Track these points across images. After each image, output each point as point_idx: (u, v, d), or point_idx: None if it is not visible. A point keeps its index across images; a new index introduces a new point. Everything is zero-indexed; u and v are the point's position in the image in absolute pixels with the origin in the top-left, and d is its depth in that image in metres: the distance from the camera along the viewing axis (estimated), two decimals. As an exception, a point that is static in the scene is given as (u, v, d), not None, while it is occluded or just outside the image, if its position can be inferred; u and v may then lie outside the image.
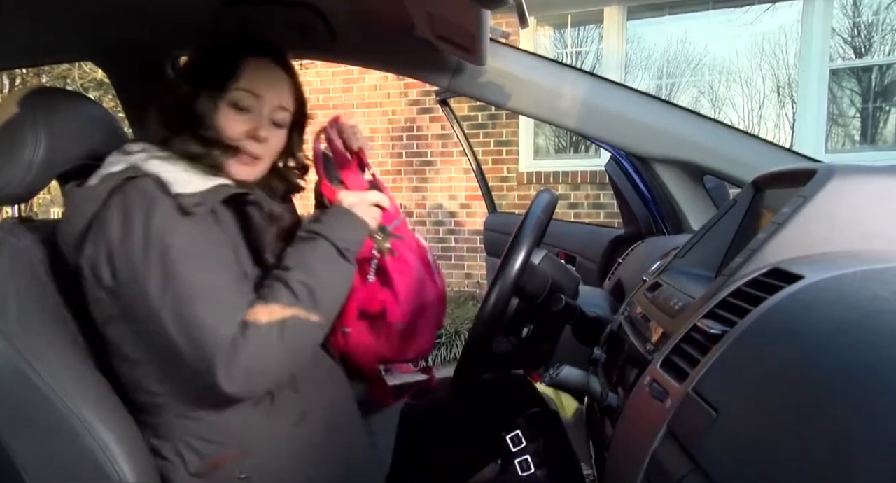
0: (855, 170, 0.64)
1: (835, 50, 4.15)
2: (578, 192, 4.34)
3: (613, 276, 1.39)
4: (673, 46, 4.54)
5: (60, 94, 1.03)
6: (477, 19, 0.94)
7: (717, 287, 0.64)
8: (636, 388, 0.66)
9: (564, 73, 1.31)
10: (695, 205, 1.32)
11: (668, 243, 1.16)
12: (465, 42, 1.11)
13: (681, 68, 4.59)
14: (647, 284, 0.89)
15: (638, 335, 0.79)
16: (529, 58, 1.34)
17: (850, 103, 4.25)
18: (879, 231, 0.61)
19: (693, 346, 0.59)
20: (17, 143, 0.92)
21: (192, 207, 0.84)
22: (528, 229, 0.98)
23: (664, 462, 0.51)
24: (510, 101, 1.31)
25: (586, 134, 1.34)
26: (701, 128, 1.28)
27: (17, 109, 0.93)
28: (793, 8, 4.14)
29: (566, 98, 1.29)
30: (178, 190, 0.85)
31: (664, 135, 1.28)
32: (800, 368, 0.43)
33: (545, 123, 2.94)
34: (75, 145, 1.00)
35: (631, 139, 1.30)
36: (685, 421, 0.51)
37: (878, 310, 0.43)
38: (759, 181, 0.84)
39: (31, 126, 0.93)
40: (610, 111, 1.29)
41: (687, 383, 0.53)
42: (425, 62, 1.31)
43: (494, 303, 0.95)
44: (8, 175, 0.93)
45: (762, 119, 4.59)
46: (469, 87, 1.32)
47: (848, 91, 4.24)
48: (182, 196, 0.84)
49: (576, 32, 4.72)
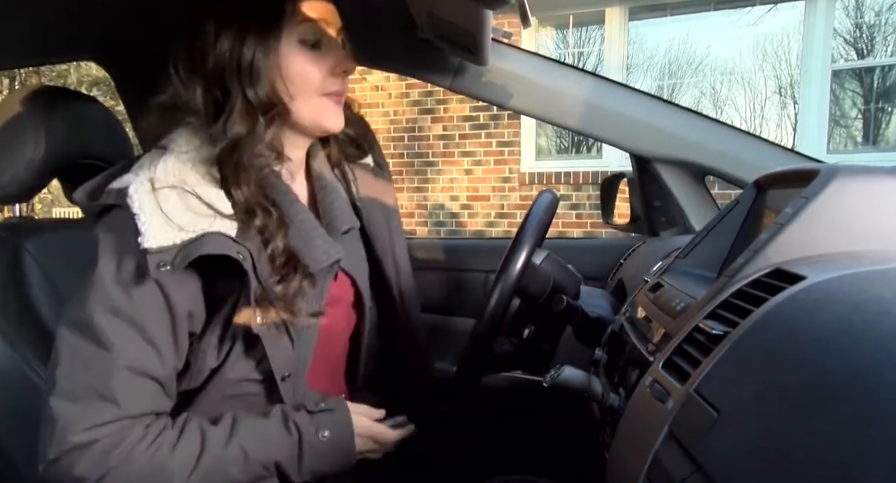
0: (858, 170, 0.64)
1: (837, 51, 4.15)
2: (580, 193, 4.34)
3: (615, 276, 1.38)
4: (675, 47, 4.54)
5: (62, 94, 1.03)
6: (479, 19, 0.94)
7: (718, 287, 0.64)
8: (637, 388, 0.65)
9: (566, 73, 1.30)
10: (696, 205, 1.32)
11: (669, 244, 1.15)
12: (467, 42, 1.11)
13: (682, 69, 4.59)
14: (648, 285, 0.89)
15: (639, 336, 0.79)
16: (531, 58, 1.34)
17: (853, 104, 4.25)
18: (882, 232, 0.61)
19: (695, 346, 0.59)
20: (18, 143, 0.92)
21: (154, 269, 0.70)
22: (529, 230, 0.97)
23: (666, 463, 0.51)
24: (512, 101, 1.31)
25: (588, 134, 1.33)
26: (703, 128, 1.28)
27: (19, 109, 0.93)
28: (795, 9, 4.13)
29: (568, 98, 1.28)
30: (146, 244, 0.70)
31: (666, 135, 1.28)
32: (802, 369, 0.43)
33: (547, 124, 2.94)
34: (76, 145, 1.00)
35: (632, 139, 1.30)
36: (687, 422, 0.51)
37: (882, 311, 0.43)
38: (761, 181, 0.84)
39: (32, 126, 0.93)
40: (612, 111, 1.29)
41: (689, 384, 0.53)
42: (427, 62, 1.31)
43: (496, 303, 0.95)
44: (9, 174, 0.93)
45: (764, 120, 4.58)
46: (471, 87, 1.32)
47: (850, 92, 4.23)
48: (149, 252, 0.70)
49: (578, 33, 4.72)
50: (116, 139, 1.11)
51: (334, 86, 0.83)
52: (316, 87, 0.82)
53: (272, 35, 0.78)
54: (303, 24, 0.80)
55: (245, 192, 0.77)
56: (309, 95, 0.82)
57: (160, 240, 0.71)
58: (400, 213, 1.05)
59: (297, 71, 0.80)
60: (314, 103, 0.83)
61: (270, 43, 0.78)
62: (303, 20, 0.79)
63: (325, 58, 0.82)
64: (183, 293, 0.74)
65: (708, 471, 0.44)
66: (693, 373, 0.54)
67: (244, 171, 0.77)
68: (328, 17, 0.82)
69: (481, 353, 1.00)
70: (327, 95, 0.83)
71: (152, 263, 0.70)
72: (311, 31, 0.80)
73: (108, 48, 1.36)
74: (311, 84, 0.81)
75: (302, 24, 0.80)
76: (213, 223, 0.74)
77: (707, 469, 0.45)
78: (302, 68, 0.80)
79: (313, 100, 0.83)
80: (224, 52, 0.77)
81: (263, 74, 0.77)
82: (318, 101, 0.83)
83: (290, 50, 0.79)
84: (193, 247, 0.72)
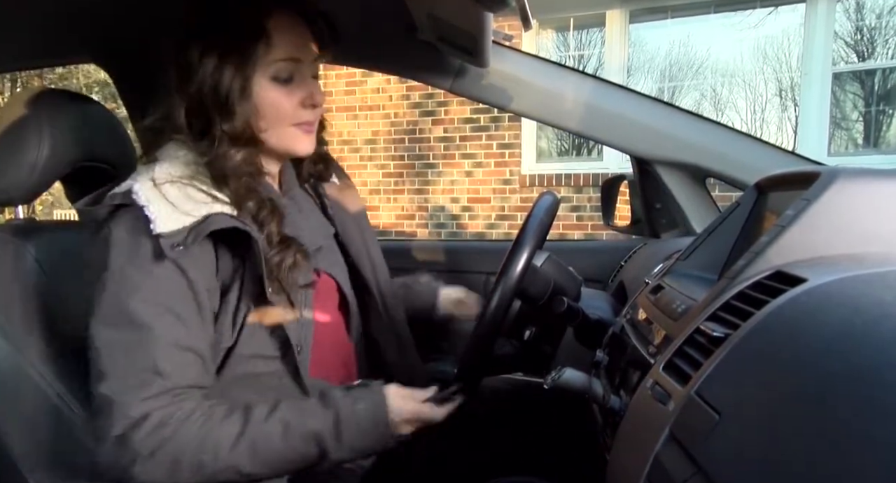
0: (859, 172, 0.64)
1: (837, 53, 4.15)
2: (581, 195, 4.35)
3: (616, 278, 1.38)
4: (675, 50, 4.54)
5: (64, 96, 1.03)
6: (479, 21, 0.95)
7: (719, 290, 0.64)
8: (638, 390, 0.65)
9: (567, 76, 1.31)
10: (697, 207, 1.32)
11: (670, 246, 1.15)
12: (468, 44, 1.11)
13: (683, 71, 4.59)
14: (649, 287, 0.89)
15: (640, 338, 0.79)
16: (532, 60, 1.34)
17: (853, 107, 4.25)
18: (883, 234, 0.61)
19: (695, 348, 0.58)
20: (21, 146, 0.93)
21: (169, 250, 0.76)
22: (530, 232, 0.97)
23: (667, 465, 0.51)
24: (513, 103, 1.31)
25: (589, 136, 1.33)
26: (703, 130, 1.28)
27: (22, 111, 0.94)
28: (795, 11, 4.14)
29: (568, 100, 1.29)
30: (158, 229, 0.76)
31: (666, 137, 1.28)
32: (803, 371, 0.43)
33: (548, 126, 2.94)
34: (79, 147, 1.00)
35: (633, 141, 1.30)
36: (688, 424, 0.51)
37: (883, 313, 0.43)
38: (762, 184, 0.84)
39: (35, 128, 0.93)
40: (612, 113, 1.29)
41: (689, 386, 0.53)
42: (428, 64, 1.31)
43: (496, 305, 0.95)
44: (12, 177, 0.93)
45: (765, 122, 4.59)
46: (471, 90, 1.32)
47: (851, 94, 4.23)
48: (162, 237, 0.76)
49: (578, 36, 4.72)
50: (118, 141, 1.11)
51: (305, 116, 0.89)
52: (287, 118, 0.88)
53: (247, 71, 0.83)
54: (276, 63, 0.85)
55: (234, 190, 0.84)
56: (281, 126, 0.88)
57: (170, 225, 0.77)
58: (400, 215, 1.08)
59: (269, 104, 0.86)
60: (285, 132, 0.89)
61: (246, 76, 0.83)
62: (276, 60, 0.85)
63: (296, 92, 0.87)
64: (199, 271, 0.80)
65: (709, 472, 0.44)
66: (694, 375, 0.54)
67: (230, 177, 0.84)
68: (301, 55, 0.87)
69: (482, 355, 1.00)
70: (298, 125, 0.89)
71: (166, 245, 0.76)
72: (285, 69, 0.86)
73: (109, 50, 1.37)
74: (283, 116, 0.87)
75: (276, 63, 0.85)
76: (214, 207, 0.81)
77: (708, 471, 0.45)
78: (274, 101, 0.86)
79: (285, 130, 0.89)
80: (206, 76, 0.83)
81: (238, 108, 0.84)
82: (290, 131, 0.89)
83: (264, 85, 0.85)
84: (202, 226, 0.78)
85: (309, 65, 0.89)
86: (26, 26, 1.16)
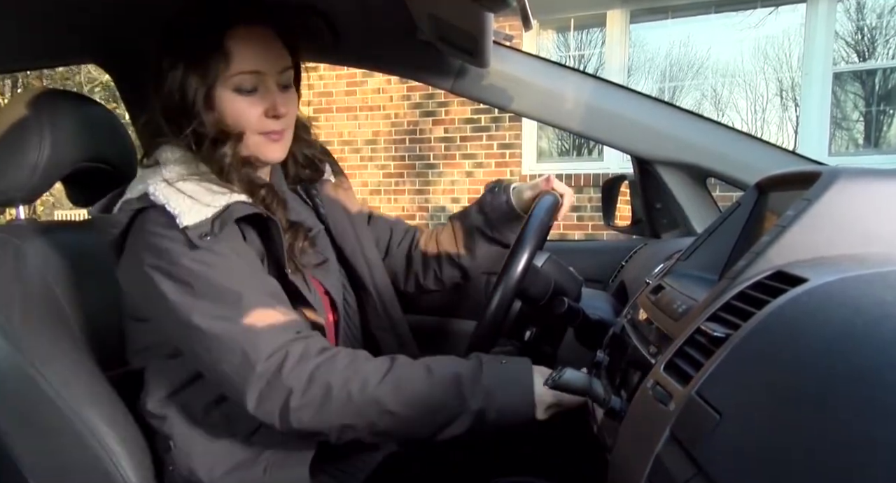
0: (860, 172, 0.64)
1: (838, 53, 4.15)
2: (581, 195, 4.34)
3: (616, 278, 1.38)
4: (676, 50, 4.54)
5: (65, 97, 1.03)
6: (480, 21, 0.94)
7: (720, 290, 0.64)
8: (639, 391, 0.65)
9: (567, 76, 1.31)
10: (698, 207, 1.32)
11: (671, 246, 1.15)
12: (468, 44, 1.11)
13: (683, 71, 4.60)
14: (650, 287, 0.88)
15: (641, 338, 0.79)
16: (532, 60, 1.34)
17: (854, 107, 4.25)
18: (884, 234, 0.61)
19: (696, 348, 0.58)
20: (22, 146, 0.93)
21: (197, 240, 0.79)
22: (530, 232, 0.97)
23: (667, 465, 0.51)
24: (513, 103, 1.31)
25: (589, 136, 1.33)
26: (704, 130, 1.28)
27: (23, 112, 0.94)
28: (796, 11, 4.14)
29: (569, 101, 1.29)
30: (183, 222, 0.80)
31: (667, 137, 1.28)
32: (803, 371, 0.43)
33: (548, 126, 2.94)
34: (79, 148, 1.00)
35: (633, 141, 1.30)
36: (688, 424, 0.51)
37: (883, 314, 0.43)
38: (763, 184, 0.84)
39: (36, 129, 0.93)
40: (613, 113, 1.29)
41: (690, 386, 0.53)
42: (428, 65, 1.31)
43: (497, 306, 0.95)
44: (12, 178, 0.93)
45: (765, 122, 4.59)
46: (472, 90, 1.32)
47: (851, 94, 4.23)
48: (188, 229, 0.79)
49: (579, 36, 4.73)
50: (118, 141, 1.11)
51: (270, 126, 0.90)
52: (252, 127, 0.89)
53: (209, 82, 0.86)
54: (238, 75, 0.86)
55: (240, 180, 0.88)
56: (247, 134, 0.90)
57: (193, 217, 0.80)
58: (401, 215, 1.09)
59: (231, 113, 0.88)
60: (252, 140, 0.90)
61: (208, 86, 0.86)
62: (238, 73, 0.86)
63: (259, 103, 0.88)
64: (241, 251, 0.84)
65: (710, 473, 0.44)
66: (695, 375, 0.54)
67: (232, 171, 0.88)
68: (265, 67, 0.87)
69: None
70: (264, 134, 0.90)
71: (194, 236, 0.79)
72: (248, 80, 0.87)
73: (110, 50, 1.37)
74: (247, 125, 0.89)
75: (237, 75, 0.86)
76: (232, 197, 0.84)
77: (709, 471, 0.45)
78: (236, 111, 0.88)
79: (251, 137, 0.90)
80: (175, 84, 0.86)
81: (204, 117, 0.87)
82: (256, 139, 0.90)
83: (226, 96, 0.87)
84: (225, 215, 0.82)
85: (274, 76, 0.89)
86: (26, 26, 1.16)
